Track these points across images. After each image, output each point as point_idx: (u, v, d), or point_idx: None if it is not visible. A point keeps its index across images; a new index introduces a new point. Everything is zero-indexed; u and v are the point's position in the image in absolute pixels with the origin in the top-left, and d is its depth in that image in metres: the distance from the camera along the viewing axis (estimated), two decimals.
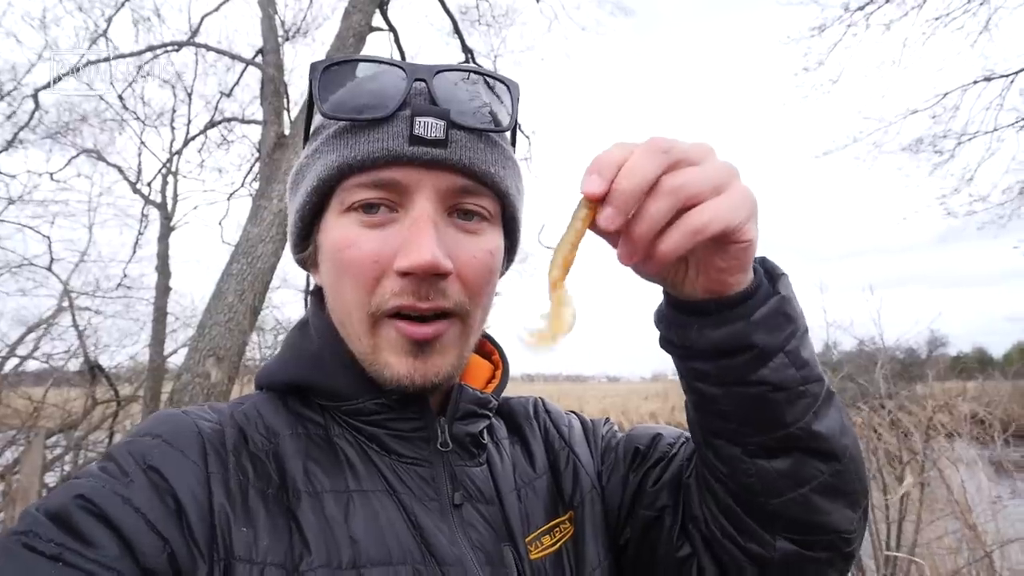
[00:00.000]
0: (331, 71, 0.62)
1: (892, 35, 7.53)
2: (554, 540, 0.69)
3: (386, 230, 0.60)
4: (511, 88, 0.64)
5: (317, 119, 0.67)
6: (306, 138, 0.69)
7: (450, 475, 0.66)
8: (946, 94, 7.20)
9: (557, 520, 0.72)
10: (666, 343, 0.62)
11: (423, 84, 0.60)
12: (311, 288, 0.75)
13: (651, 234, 0.50)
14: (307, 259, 0.70)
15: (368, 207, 0.61)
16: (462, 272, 0.61)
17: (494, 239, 0.65)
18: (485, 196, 0.63)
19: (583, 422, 0.86)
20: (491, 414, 0.73)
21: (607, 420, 0.88)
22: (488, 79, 0.65)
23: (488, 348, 0.79)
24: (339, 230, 0.62)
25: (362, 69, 0.63)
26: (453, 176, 0.61)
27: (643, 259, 0.53)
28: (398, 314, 0.61)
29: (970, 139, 7.27)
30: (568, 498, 0.74)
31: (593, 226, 0.53)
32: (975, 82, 7.10)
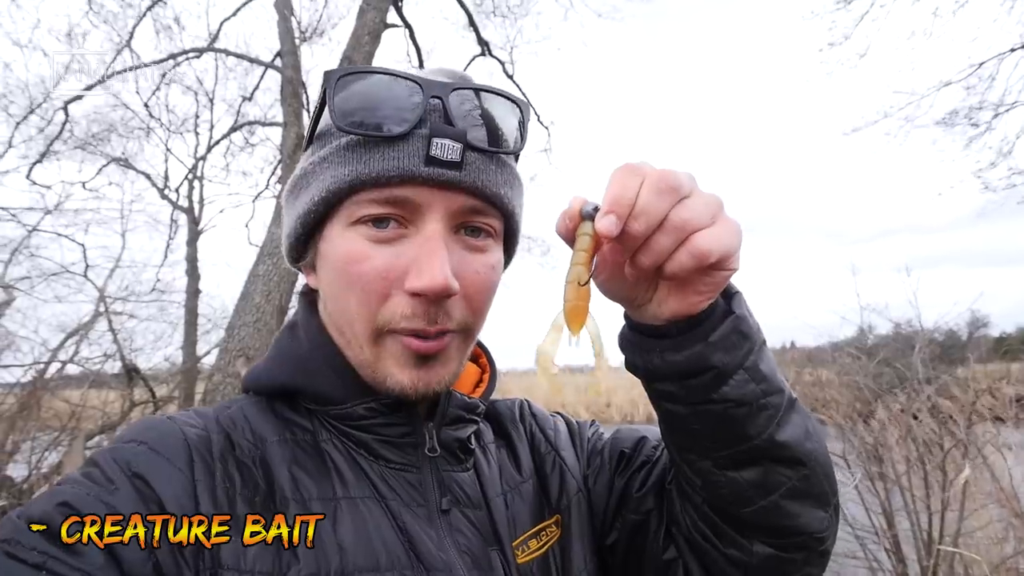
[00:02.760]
0: (345, 80, 0.61)
1: (922, 4, 7.25)
2: (541, 544, 0.69)
3: (396, 246, 0.60)
4: (522, 108, 0.65)
5: (322, 124, 0.66)
6: (308, 142, 0.68)
7: (438, 480, 0.65)
8: (981, 64, 6.92)
9: (544, 524, 0.71)
10: (631, 366, 0.62)
11: (439, 101, 0.60)
12: (301, 289, 0.74)
13: (657, 265, 0.52)
14: (304, 264, 0.70)
15: (378, 221, 0.60)
16: (467, 290, 0.62)
17: (496, 254, 0.66)
18: (493, 215, 0.64)
19: (569, 424, 0.86)
20: (479, 419, 0.72)
21: (593, 422, 0.88)
22: (500, 98, 0.65)
23: (476, 351, 0.78)
24: (347, 243, 0.61)
25: (377, 81, 0.62)
26: (465, 197, 0.61)
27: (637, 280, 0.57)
28: (409, 333, 0.61)
29: (1008, 110, 6.98)
30: (555, 501, 0.74)
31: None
32: (1012, 50, 6.79)
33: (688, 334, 0.57)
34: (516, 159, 0.71)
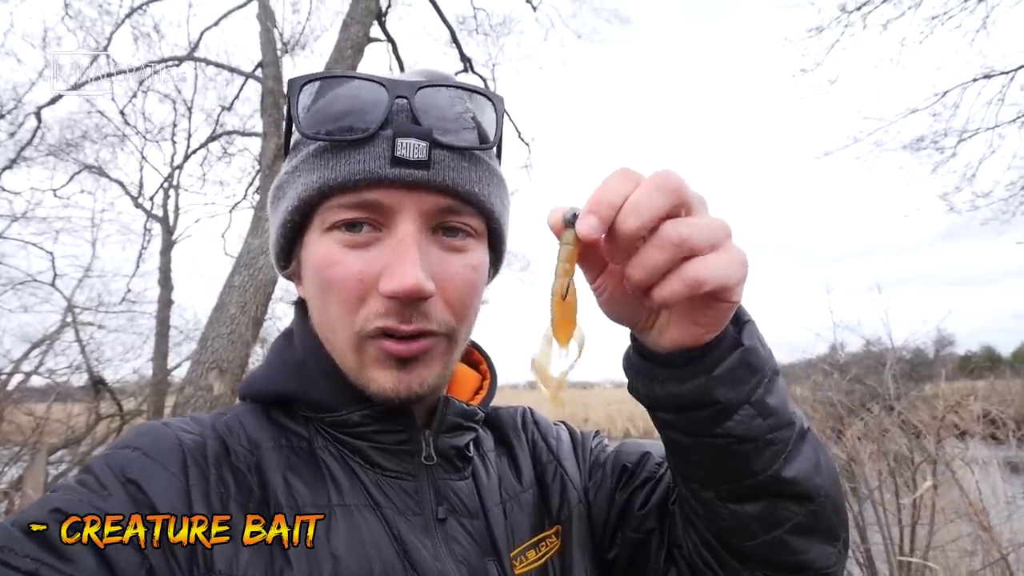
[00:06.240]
0: (310, 87, 0.61)
1: (889, 35, 7.47)
2: (540, 555, 0.68)
3: (370, 250, 0.60)
4: (495, 102, 0.63)
5: (296, 133, 0.65)
6: (286, 152, 0.68)
7: (434, 489, 0.65)
8: (946, 92, 7.18)
9: (543, 534, 0.70)
10: (633, 390, 0.59)
11: (405, 101, 0.59)
12: (296, 298, 0.73)
13: (647, 283, 0.47)
14: (291, 273, 0.69)
15: (351, 225, 0.60)
16: (445, 291, 0.61)
17: (478, 255, 0.64)
18: (469, 214, 0.62)
19: (572, 434, 0.85)
20: (478, 426, 0.71)
21: (596, 433, 0.86)
22: (472, 94, 0.63)
23: (476, 358, 0.77)
24: (322, 249, 0.61)
25: (342, 85, 0.61)
26: (436, 197, 0.60)
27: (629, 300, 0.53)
28: (382, 333, 0.60)
29: (971, 136, 7.24)
30: (555, 512, 0.73)
31: (581, 259, 0.51)
32: (975, 79, 7.07)
33: (691, 365, 0.53)
34: (498, 156, 0.69)
